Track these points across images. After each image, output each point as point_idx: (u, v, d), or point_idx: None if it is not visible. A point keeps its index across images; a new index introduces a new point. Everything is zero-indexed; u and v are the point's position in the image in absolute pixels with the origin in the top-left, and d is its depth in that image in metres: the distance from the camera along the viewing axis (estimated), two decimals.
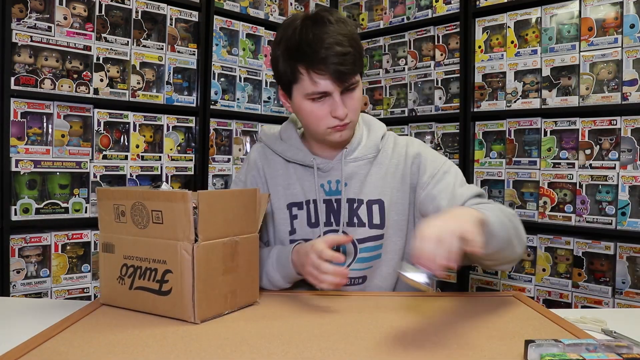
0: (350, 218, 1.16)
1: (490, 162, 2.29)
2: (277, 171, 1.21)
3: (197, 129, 2.33)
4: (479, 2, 2.32)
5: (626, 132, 1.90)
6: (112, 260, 0.98)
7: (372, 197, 1.17)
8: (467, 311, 0.99)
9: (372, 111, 2.74)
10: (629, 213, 1.89)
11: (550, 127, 2.10)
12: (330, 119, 1.07)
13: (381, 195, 1.17)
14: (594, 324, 1.00)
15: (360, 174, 1.17)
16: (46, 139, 1.92)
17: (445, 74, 2.46)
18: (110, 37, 2.04)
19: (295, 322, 0.90)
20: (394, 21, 2.66)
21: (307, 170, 1.19)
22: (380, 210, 1.17)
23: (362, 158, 1.18)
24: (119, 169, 2.07)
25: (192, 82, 2.34)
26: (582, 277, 2.01)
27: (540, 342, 0.70)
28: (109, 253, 0.98)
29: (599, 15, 1.99)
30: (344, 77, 1.03)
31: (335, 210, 1.17)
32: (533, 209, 2.16)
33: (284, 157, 1.20)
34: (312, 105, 1.07)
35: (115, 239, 0.98)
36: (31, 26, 1.84)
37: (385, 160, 1.20)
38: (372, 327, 0.88)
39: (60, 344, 0.78)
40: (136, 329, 0.86)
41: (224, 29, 2.41)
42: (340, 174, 1.16)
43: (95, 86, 2.01)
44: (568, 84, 2.07)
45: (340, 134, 1.10)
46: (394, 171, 1.19)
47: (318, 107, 1.07)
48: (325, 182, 1.18)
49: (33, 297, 1.85)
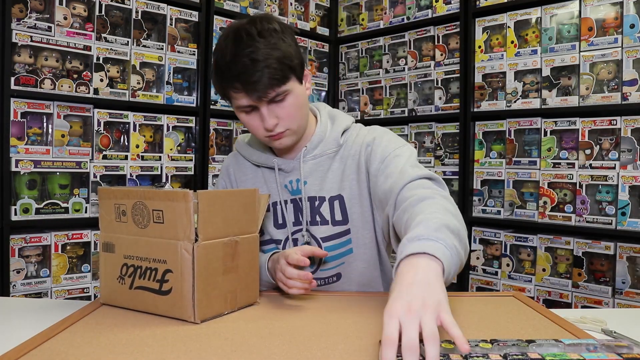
0: (312, 217, 1.17)
1: (490, 162, 2.29)
2: (247, 175, 1.25)
3: (197, 129, 2.33)
4: (479, 2, 2.32)
5: (626, 132, 1.90)
6: (112, 259, 0.98)
7: (332, 194, 1.17)
8: (468, 311, 0.99)
9: (372, 111, 2.74)
10: (629, 213, 1.89)
11: (550, 127, 2.10)
12: (263, 129, 1.09)
13: (340, 190, 1.17)
14: (594, 324, 1.00)
15: (320, 170, 1.18)
16: (46, 139, 1.92)
17: (445, 74, 2.46)
18: (110, 37, 2.04)
19: (295, 322, 0.90)
20: (394, 21, 2.66)
21: (272, 172, 1.22)
22: (341, 206, 1.17)
23: (322, 154, 1.18)
24: (119, 169, 2.07)
25: (192, 82, 2.34)
26: (582, 277, 2.01)
27: (541, 342, 0.70)
28: (109, 253, 0.98)
29: (599, 15, 1.99)
30: (258, 93, 1.03)
31: (300, 210, 1.18)
32: (533, 209, 2.16)
33: (251, 162, 1.24)
34: (246, 117, 1.10)
35: (115, 238, 0.98)
36: (31, 26, 1.84)
37: (346, 154, 1.18)
38: (372, 327, 0.88)
39: (60, 344, 0.78)
40: (136, 329, 0.86)
41: (224, 29, 2.41)
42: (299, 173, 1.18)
43: (95, 86, 2.01)
44: (568, 84, 2.07)
45: (280, 142, 1.12)
46: (351, 163, 1.17)
47: (250, 118, 1.09)
48: (287, 182, 1.20)
49: (33, 297, 1.85)
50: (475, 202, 2.34)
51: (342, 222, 1.17)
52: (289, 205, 1.19)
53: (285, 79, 1.05)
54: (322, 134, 1.19)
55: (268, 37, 1.04)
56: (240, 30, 1.05)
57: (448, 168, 2.44)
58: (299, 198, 1.18)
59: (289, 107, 1.08)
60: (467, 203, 2.35)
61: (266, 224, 1.21)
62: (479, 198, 2.33)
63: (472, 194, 2.35)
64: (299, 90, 1.10)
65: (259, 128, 1.09)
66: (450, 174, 2.43)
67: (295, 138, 1.14)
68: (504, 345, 0.69)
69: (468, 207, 2.35)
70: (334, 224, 1.16)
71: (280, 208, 1.19)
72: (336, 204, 1.17)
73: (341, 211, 1.17)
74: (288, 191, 1.19)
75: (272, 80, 1.03)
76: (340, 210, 1.17)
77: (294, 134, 1.12)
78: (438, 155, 2.48)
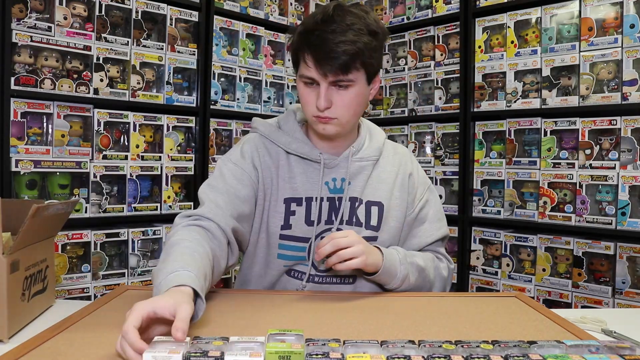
0: (350, 217, 1.16)
1: (490, 162, 2.29)
2: (279, 162, 1.17)
3: (197, 129, 2.33)
4: (479, 2, 2.32)
5: (626, 132, 1.90)
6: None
7: (371, 199, 1.17)
8: (470, 312, 0.99)
9: (372, 111, 2.74)
10: (628, 213, 1.89)
11: (550, 127, 2.10)
12: (314, 107, 1.07)
13: (381, 198, 1.18)
14: (594, 324, 1.00)
15: (364, 174, 1.18)
16: (46, 139, 1.92)
17: (445, 74, 2.46)
18: (110, 37, 2.04)
19: (303, 324, 0.90)
20: (394, 21, 2.66)
21: (310, 165, 1.16)
22: (379, 213, 1.17)
23: (367, 159, 1.19)
24: (119, 169, 2.07)
25: (192, 82, 2.34)
26: (582, 277, 2.01)
27: (542, 343, 0.70)
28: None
29: (599, 15, 1.99)
30: (327, 70, 1.03)
31: (336, 208, 1.16)
32: (533, 209, 2.16)
33: (285, 149, 1.17)
34: (304, 89, 1.09)
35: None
36: (31, 26, 1.84)
37: (386, 165, 1.21)
38: (372, 327, 0.88)
39: (60, 344, 0.78)
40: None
41: (224, 29, 2.41)
42: (346, 172, 1.16)
43: (95, 86, 2.01)
44: (568, 84, 2.07)
45: (323, 127, 1.10)
46: (394, 178, 1.21)
47: (307, 91, 1.08)
48: (330, 179, 1.16)
49: None
50: (475, 202, 2.34)
51: (375, 228, 1.17)
52: (324, 203, 1.16)
53: (356, 70, 1.05)
54: (364, 139, 1.21)
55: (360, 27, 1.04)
56: (342, 5, 1.06)
57: (448, 168, 2.44)
58: (339, 197, 1.16)
59: (349, 97, 1.07)
60: (467, 203, 2.35)
61: (296, 219, 1.15)
62: (479, 198, 2.33)
63: (472, 194, 2.35)
64: (364, 89, 1.10)
65: (311, 104, 1.08)
66: (450, 174, 2.43)
67: (339, 130, 1.12)
68: (505, 347, 0.68)
69: (468, 207, 2.35)
70: (367, 228, 1.16)
71: (318, 204, 1.15)
72: (374, 209, 1.17)
73: (378, 218, 1.17)
74: (328, 188, 1.16)
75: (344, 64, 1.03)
76: (378, 216, 1.17)
77: (340, 126, 1.11)
78: (438, 155, 2.48)
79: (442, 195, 2.46)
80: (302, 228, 1.15)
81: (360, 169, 1.17)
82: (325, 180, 1.16)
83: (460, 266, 2.37)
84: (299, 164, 1.16)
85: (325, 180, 1.16)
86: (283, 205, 1.15)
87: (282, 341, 0.67)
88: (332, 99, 1.06)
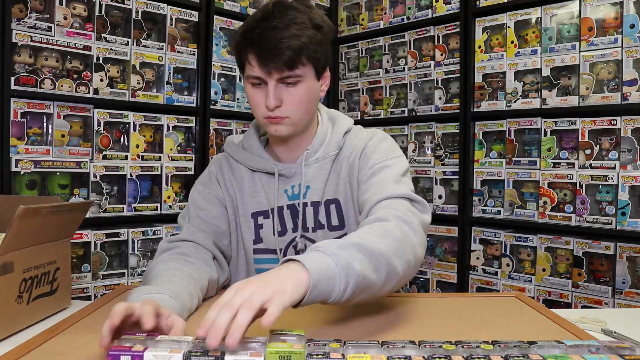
0: (314, 222, 1.13)
1: (490, 162, 2.29)
2: (243, 179, 1.18)
3: (197, 129, 2.33)
4: (479, 2, 2.32)
5: (626, 132, 1.90)
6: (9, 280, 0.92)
7: (329, 197, 1.14)
8: (470, 312, 0.99)
9: (372, 111, 2.74)
10: (628, 213, 1.89)
11: (550, 127, 2.10)
12: (264, 107, 1.05)
13: (336, 194, 1.14)
14: (594, 324, 1.00)
15: (323, 174, 1.14)
16: (46, 139, 1.92)
17: (445, 74, 2.46)
18: (110, 37, 2.04)
19: (304, 324, 0.90)
20: (394, 21, 2.66)
21: (271, 177, 1.16)
22: (337, 210, 1.13)
23: (324, 157, 1.14)
24: (119, 169, 2.07)
25: (192, 82, 2.34)
26: (582, 277, 2.01)
27: (542, 343, 0.70)
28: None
29: (599, 15, 1.99)
30: (272, 67, 1.00)
31: (297, 215, 1.14)
32: (533, 209, 2.16)
33: (247, 167, 1.18)
34: (252, 90, 1.07)
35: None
36: (31, 26, 1.84)
37: (345, 157, 1.15)
38: (372, 327, 0.88)
39: (60, 344, 0.78)
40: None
41: (224, 29, 2.41)
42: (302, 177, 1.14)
43: (95, 86, 2.01)
44: (568, 84, 2.07)
45: (275, 128, 1.07)
46: (346, 165, 1.14)
47: (256, 92, 1.06)
48: (289, 187, 1.15)
49: None
50: (475, 202, 2.34)
51: (338, 227, 1.14)
52: (285, 212, 1.15)
53: (302, 65, 1.02)
54: (324, 136, 1.16)
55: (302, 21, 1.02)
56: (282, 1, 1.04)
57: (448, 168, 2.44)
58: (297, 203, 1.14)
59: (298, 95, 1.05)
60: (467, 203, 2.35)
61: (264, 232, 1.16)
62: (479, 198, 2.33)
63: (472, 194, 2.35)
64: (313, 84, 1.07)
65: (260, 105, 1.06)
66: (450, 174, 2.43)
67: (292, 130, 1.09)
68: (505, 347, 0.68)
69: (468, 207, 2.35)
70: (330, 229, 1.13)
71: (277, 214, 1.14)
72: (332, 208, 1.13)
73: (337, 216, 1.13)
74: (287, 196, 1.15)
75: (290, 59, 1.00)
76: (337, 214, 1.13)
77: (292, 126, 1.08)
78: (438, 155, 2.48)
79: (442, 195, 2.46)
80: (271, 239, 1.15)
81: (318, 169, 1.14)
82: (284, 189, 1.15)
83: (460, 266, 2.37)
84: (262, 178, 1.17)
85: (284, 189, 1.15)
86: (252, 220, 1.17)
87: (283, 341, 0.67)
88: (281, 97, 1.04)
